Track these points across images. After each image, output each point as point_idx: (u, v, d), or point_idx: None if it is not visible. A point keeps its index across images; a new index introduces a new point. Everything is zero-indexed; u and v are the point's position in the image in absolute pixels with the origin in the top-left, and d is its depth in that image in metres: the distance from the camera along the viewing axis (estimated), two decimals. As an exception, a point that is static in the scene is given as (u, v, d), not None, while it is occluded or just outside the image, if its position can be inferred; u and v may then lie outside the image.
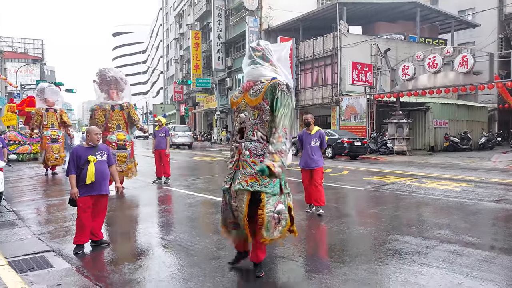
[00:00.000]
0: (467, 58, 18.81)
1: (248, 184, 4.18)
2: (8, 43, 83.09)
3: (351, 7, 27.04)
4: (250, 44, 4.62)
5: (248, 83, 4.45)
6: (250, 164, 4.24)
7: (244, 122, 4.36)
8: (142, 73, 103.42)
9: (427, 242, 5.52)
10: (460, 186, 10.49)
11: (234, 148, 4.47)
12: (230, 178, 4.38)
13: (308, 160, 7.29)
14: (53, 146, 13.68)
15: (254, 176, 4.17)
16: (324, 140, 7.37)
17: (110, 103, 9.83)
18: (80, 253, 5.23)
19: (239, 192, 4.22)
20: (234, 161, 4.40)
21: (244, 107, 4.40)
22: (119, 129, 9.91)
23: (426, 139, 24.09)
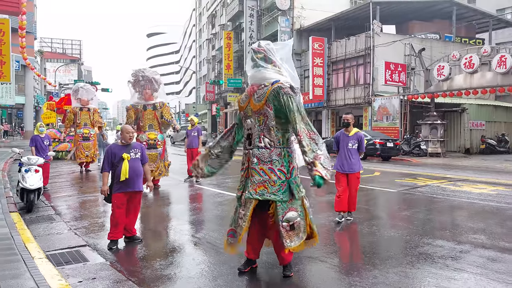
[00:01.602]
0: (505, 58, 18.16)
1: (257, 193, 4.13)
2: (48, 44, 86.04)
3: (385, 6, 26.58)
4: (254, 45, 4.48)
5: (252, 87, 4.34)
6: (259, 171, 4.18)
7: (250, 128, 4.29)
8: (175, 73, 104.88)
9: (461, 247, 5.39)
10: (497, 190, 10.16)
11: (244, 155, 4.40)
12: (242, 186, 4.35)
13: (344, 163, 6.76)
14: (84, 144, 14.12)
15: (263, 184, 4.14)
16: (362, 143, 6.83)
17: (142, 102, 10.03)
18: (114, 249, 5.39)
19: (248, 200, 4.19)
20: (244, 168, 4.35)
21: (250, 113, 4.32)
22: (151, 129, 10.07)
23: (461, 141, 23.43)
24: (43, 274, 4.21)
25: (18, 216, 6.92)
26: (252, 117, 4.28)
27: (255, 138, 4.24)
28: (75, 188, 10.92)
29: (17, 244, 5.19)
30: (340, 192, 6.76)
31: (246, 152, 4.36)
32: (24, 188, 7.65)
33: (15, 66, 29.81)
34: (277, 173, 4.16)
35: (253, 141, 4.26)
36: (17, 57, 27.64)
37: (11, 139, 36.35)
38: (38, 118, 39.11)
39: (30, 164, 7.98)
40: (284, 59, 4.48)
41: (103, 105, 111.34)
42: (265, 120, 4.21)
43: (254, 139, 4.24)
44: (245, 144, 4.41)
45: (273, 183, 4.12)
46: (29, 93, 39.59)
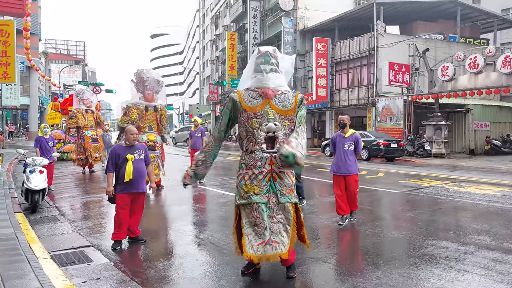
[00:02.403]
0: (510, 58, 18.09)
1: (292, 196, 4.25)
2: (52, 45, 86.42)
3: (389, 7, 26.54)
4: (267, 48, 4.45)
5: (270, 91, 4.26)
6: (287, 175, 4.26)
7: (274, 132, 4.22)
8: (179, 74, 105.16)
9: (465, 248, 5.37)
10: (502, 191, 10.12)
11: (261, 158, 4.21)
12: (266, 190, 4.19)
13: (340, 165, 6.67)
14: (94, 146, 14.27)
15: (291, 188, 4.27)
16: (359, 145, 6.72)
17: (144, 103, 10.02)
18: (118, 249, 5.40)
19: (286, 204, 4.19)
20: (265, 172, 4.20)
21: (272, 116, 4.23)
22: (151, 130, 10.08)
23: (465, 141, 23.35)
24: (48, 274, 4.23)
25: (23, 217, 6.96)
26: (276, 120, 4.22)
27: (280, 141, 4.21)
28: (79, 189, 10.96)
29: (22, 245, 5.21)
30: (339, 195, 6.70)
31: (264, 156, 4.20)
32: (28, 188, 7.69)
33: (20, 67, 29.92)
34: (293, 177, 4.38)
35: (277, 145, 4.21)
36: (22, 58, 27.76)
37: (16, 140, 36.52)
38: (43, 119, 39.25)
39: (35, 165, 8.02)
40: (284, 70, 4.51)
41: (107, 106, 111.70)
42: (290, 126, 4.29)
43: (279, 143, 4.20)
44: (258, 146, 4.22)
45: (294, 186, 4.36)
46: (33, 94, 39.76)
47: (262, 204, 4.15)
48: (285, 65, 4.54)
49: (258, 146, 4.22)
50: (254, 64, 4.40)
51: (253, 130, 4.22)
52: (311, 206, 8.16)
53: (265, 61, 4.34)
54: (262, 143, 4.22)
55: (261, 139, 4.21)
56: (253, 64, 4.42)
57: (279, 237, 4.12)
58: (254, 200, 4.16)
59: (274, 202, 4.18)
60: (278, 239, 4.12)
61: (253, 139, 4.23)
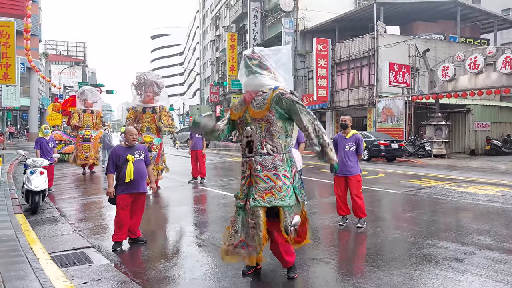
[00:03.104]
0: (511, 59, 18.08)
1: (265, 200, 4.10)
2: (52, 46, 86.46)
3: (389, 7, 26.54)
4: (244, 52, 4.44)
5: (249, 94, 4.28)
6: (263, 178, 4.15)
7: (251, 135, 4.23)
8: (179, 75, 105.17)
9: (466, 248, 5.36)
10: (502, 191, 10.11)
11: (244, 163, 4.33)
12: (245, 195, 4.26)
13: (341, 166, 6.42)
14: (84, 145, 14.24)
15: (270, 191, 4.11)
16: (361, 145, 6.63)
17: (142, 105, 10.08)
18: (119, 250, 5.41)
19: (255, 209, 4.11)
20: (245, 176, 4.27)
21: (249, 120, 4.25)
22: (148, 132, 10.09)
23: (466, 142, 23.33)
24: (48, 275, 4.23)
25: (23, 218, 6.96)
26: (252, 124, 4.23)
27: (256, 145, 4.20)
28: (80, 190, 10.97)
29: (22, 246, 5.22)
30: (339, 195, 6.68)
31: (246, 160, 4.29)
32: (29, 190, 7.69)
33: (20, 68, 29.92)
34: (282, 178, 4.16)
35: (254, 148, 4.21)
36: (22, 59, 27.76)
37: (16, 141, 36.53)
38: (43, 120, 39.26)
39: (35, 166, 8.02)
40: (279, 63, 4.41)
41: (107, 107, 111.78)
42: (268, 127, 4.19)
43: (256, 146, 4.20)
44: (244, 152, 4.33)
45: (280, 189, 4.12)
46: (34, 95, 39.78)
47: (239, 208, 4.31)
48: (279, 58, 4.43)
49: (243, 151, 4.35)
50: (241, 70, 4.46)
51: (241, 135, 4.39)
52: (311, 206, 8.15)
53: (245, 65, 4.34)
54: (245, 147, 4.32)
55: (244, 143, 4.32)
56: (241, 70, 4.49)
57: (253, 242, 4.15)
58: (237, 203, 4.37)
59: (248, 206, 4.19)
60: (252, 243, 4.15)
61: (242, 144, 4.38)
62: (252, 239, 4.15)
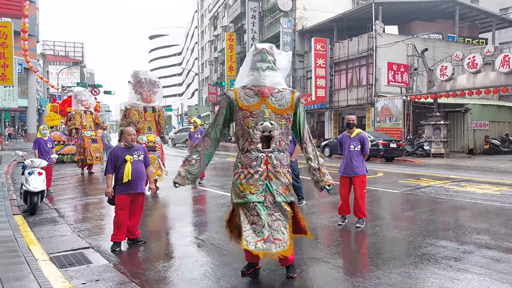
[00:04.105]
0: (509, 58, 18.10)
1: (287, 195, 4.21)
2: (50, 47, 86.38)
3: (387, 7, 26.56)
4: (263, 45, 4.37)
5: (267, 89, 4.19)
6: (283, 174, 4.21)
7: (270, 131, 4.17)
8: (178, 75, 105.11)
9: (465, 247, 5.37)
10: (501, 190, 10.13)
11: (256, 158, 4.18)
12: (263, 190, 4.16)
13: (346, 166, 6.55)
14: (93, 146, 14.34)
15: (287, 187, 4.24)
16: (366, 145, 6.53)
17: (143, 104, 9.96)
18: (117, 251, 5.40)
19: (283, 204, 4.16)
20: (262, 171, 4.18)
21: (268, 115, 4.18)
22: (150, 131, 10.01)
23: (464, 141, 23.36)
24: (47, 276, 4.22)
25: (22, 219, 6.94)
26: (272, 119, 4.18)
27: (276, 141, 4.20)
28: (78, 191, 10.95)
29: (21, 246, 5.21)
30: (343, 196, 6.66)
31: (260, 155, 4.18)
32: (27, 190, 7.67)
33: (18, 69, 29.94)
34: (289, 176, 4.32)
35: (273, 144, 4.19)
36: (20, 60, 27.78)
37: (14, 142, 36.48)
38: (41, 121, 39.23)
39: (34, 167, 8.00)
40: (281, 69, 4.44)
41: (105, 108, 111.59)
42: (287, 125, 4.27)
43: (275, 142, 4.20)
44: (254, 146, 4.19)
45: (291, 186, 4.32)
46: (32, 96, 39.74)
47: (258, 203, 4.12)
48: (282, 62, 4.47)
49: (254, 145, 4.18)
50: (251, 62, 4.31)
51: (249, 129, 4.17)
52: (310, 206, 8.15)
53: (262, 58, 4.26)
54: (258, 142, 4.18)
55: (257, 138, 4.17)
56: (249, 62, 4.33)
57: (280, 234, 4.07)
58: (250, 199, 4.13)
59: (270, 201, 4.14)
60: (280, 236, 4.06)
61: (248, 138, 4.19)
62: (278, 232, 4.08)
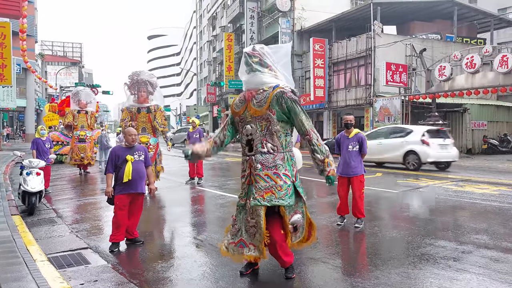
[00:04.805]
0: (507, 58, 18.12)
1: (265, 199, 4.08)
2: (48, 47, 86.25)
3: (386, 7, 26.56)
4: (245, 50, 4.42)
5: (249, 93, 4.26)
6: (264, 177, 4.13)
7: (251, 134, 4.20)
8: (176, 75, 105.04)
9: (464, 247, 5.37)
10: (499, 190, 10.14)
11: (244, 162, 4.32)
12: (245, 193, 4.24)
13: (344, 167, 6.55)
14: (80, 146, 14.21)
15: (270, 190, 4.10)
16: (364, 145, 6.54)
17: (137, 105, 9.94)
18: (116, 251, 5.38)
19: (256, 208, 4.10)
20: (246, 175, 4.25)
21: (250, 119, 4.22)
22: (144, 132, 9.95)
23: (463, 141, 23.36)
24: (45, 276, 4.21)
25: (20, 219, 6.93)
26: (253, 122, 4.20)
27: (257, 143, 4.18)
28: (76, 191, 10.93)
29: (19, 247, 5.19)
30: (341, 196, 6.66)
31: (246, 159, 4.27)
32: (25, 191, 7.65)
33: (16, 69, 29.87)
34: (283, 177, 4.15)
35: (254, 147, 4.19)
36: (18, 60, 27.72)
37: (12, 142, 36.41)
38: (40, 121, 39.17)
39: (32, 167, 7.98)
40: (280, 62, 4.42)
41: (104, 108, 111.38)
42: (268, 125, 4.17)
43: (256, 145, 4.18)
44: (244, 150, 4.32)
45: (280, 188, 4.11)
46: (30, 96, 39.68)
47: (240, 206, 4.30)
48: (280, 56, 4.46)
49: (243, 149, 4.35)
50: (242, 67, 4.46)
51: (241, 134, 4.37)
52: (309, 206, 8.08)
53: (245, 62, 4.34)
54: (245, 146, 4.31)
55: (244, 142, 4.31)
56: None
57: (255, 241, 4.17)
58: (237, 202, 4.38)
59: (248, 205, 4.16)
60: (254, 242, 4.17)
61: (242, 143, 4.36)
62: (252, 238, 4.16)
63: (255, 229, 4.12)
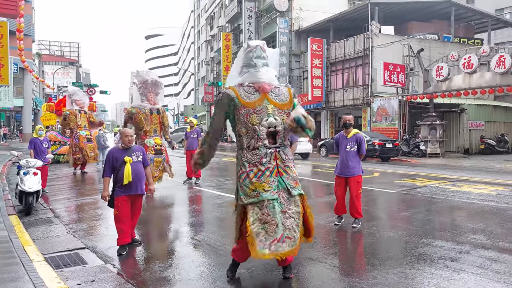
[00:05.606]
0: (504, 58, 18.19)
1: (299, 188, 4.22)
2: (46, 47, 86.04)
3: (384, 7, 26.63)
4: (257, 42, 4.39)
5: (266, 85, 4.21)
6: (292, 169, 4.23)
7: (275, 126, 4.16)
8: (174, 75, 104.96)
9: (461, 247, 5.38)
10: (496, 190, 10.16)
11: (265, 154, 4.11)
12: (275, 186, 4.08)
13: (342, 167, 6.54)
14: (89, 146, 14.35)
15: (297, 181, 4.24)
16: (362, 145, 6.51)
17: (149, 106, 9.69)
18: (124, 254, 5.25)
19: (297, 198, 4.14)
20: (272, 167, 4.11)
21: (271, 111, 4.17)
22: (155, 134, 9.83)
23: (460, 141, 23.44)
24: (42, 276, 4.19)
25: (17, 219, 6.90)
26: (275, 115, 4.18)
27: (281, 136, 4.21)
28: (74, 191, 10.90)
29: (16, 247, 5.17)
30: (338, 196, 6.66)
31: (269, 152, 4.13)
32: (22, 190, 7.62)
33: (13, 68, 29.75)
34: (296, 171, 4.34)
35: (280, 139, 4.21)
36: (15, 59, 27.63)
37: (9, 142, 36.30)
38: (37, 121, 39.10)
39: (29, 167, 7.95)
40: (272, 66, 4.44)
41: (101, 107, 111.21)
42: (286, 120, 4.24)
43: (281, 137, 4.21)
44: (261, 143, 4.11)
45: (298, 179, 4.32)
46: (27, 96, 39.58)
47: (274, 200, 4.02)
48: (272, 60, 4.50)
49: (261, 142, 4.13)
50: (245, 59, 4.33)
51: (254, 126, 4.11)
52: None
53: (257, 55, 4.29)
54: (265, 138, 4.14)
55: (263, 134, 4.13)
56: (242, 59, 4.36)
57: (292, 233, 4.01)
58: (265, 197, 3.99)
59: (284, 197, 4.08)
60: (291, 234, 4.00)
61: (254, 135, 4.13)
62: (291, 229, 4.01)
63: (293, 220, 4.05)
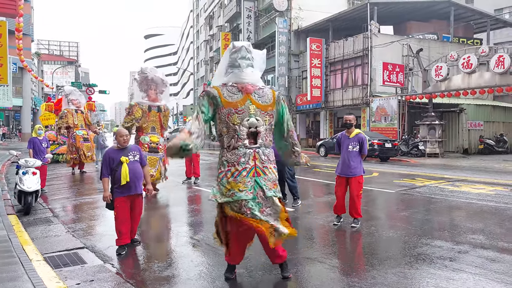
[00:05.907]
0: (503, 58, 18.19)
1: (276, 191, 4.22)
2: (45, 46, 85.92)
3: (383, 7, 26.61)
4: (242, 43, 4.41)
5: (249, 86, 4.23)
6: (270, 170, 4.22)
7: (256, 127, 4.17)
8: (173, 75, 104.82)
9: (460, 247, 5.38)
10: (495, 190, 10.17)
11: (244, 154, 4.13)
12: (251, 186, 4.11)
13: (343, 167, 6.50)
14: (86, 145, 14.33)
15: (274, 182, 4.25)
16: (364, 145, 6.48)
17: (148, 103, 9.58)
18: (123, 254, 5.25)
19: (273, 198, 4.15)
20: (249, 168, 4.13)
21: (253, 111, 4.18)
22: (153, 131, 9.67)
23: (459, 141, 23.46)
24: (41, 276, 4.19)
25: (16, 219, 6.89)
26: (257, 116, 4.19)
27: (262, 136, 4.22)
28: (73, 191, 10.89)
29: (15, 247, 5.17)
30: (338, 196, 6.65)
31: (248, 151, 4.14)
32: (21, 190, 7.62)
33: (12, 68, 29.72)
34: (276, 172, 4.35)
35: (260, 140, 4.21)
36: (14, 59, 27.57)
37: (8, 142, 36.26)
38: (36, 120, 39.01)
39: (28, 167, 7.94)
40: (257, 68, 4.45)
41: (100, 107, 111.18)
42: (270, 121, 4.30)
43: (262, 138, 4.22)
44: (241, 142, 4.13)
45: (277, 181, 4.33)
46: (26, 95, 39.53)
47: (250, 200, 4.06)
48: (259, 61, 4.51)
49: (241, 142, 4.15)
50: (230, 59, 4.36)
51: (235, 126, 4.13)
52: (305, 206, 8.15)
53: (242, 56, 4.32)
54: (245, 138, 4.15)
55: (243, 134, 4.14)
56: (227, 59, 4.39)
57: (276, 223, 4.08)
58: (239, 197, 4.05)
59: (262, 197, 4.12)
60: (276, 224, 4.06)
61: (235, 135, 4.15)
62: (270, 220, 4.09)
63: (271, 218, 4.10)
